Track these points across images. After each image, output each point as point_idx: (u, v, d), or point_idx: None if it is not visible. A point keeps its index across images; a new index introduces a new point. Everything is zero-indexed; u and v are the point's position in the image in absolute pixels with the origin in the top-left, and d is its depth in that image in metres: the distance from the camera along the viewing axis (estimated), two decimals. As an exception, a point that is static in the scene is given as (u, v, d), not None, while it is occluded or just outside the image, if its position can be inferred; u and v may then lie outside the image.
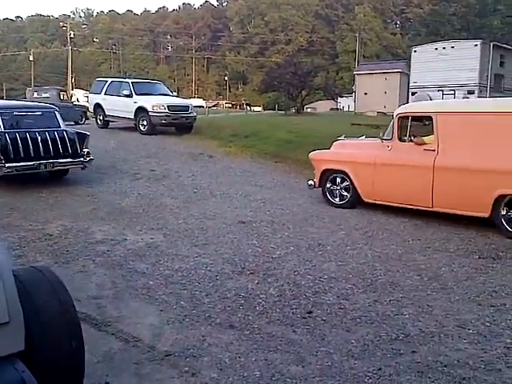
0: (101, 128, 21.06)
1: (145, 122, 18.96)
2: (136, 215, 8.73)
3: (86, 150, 11.26)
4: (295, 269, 6.23)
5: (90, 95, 22.96)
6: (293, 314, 4.95)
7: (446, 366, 4.00)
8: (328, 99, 49.47)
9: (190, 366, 3.96)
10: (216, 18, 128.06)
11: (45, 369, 2.75)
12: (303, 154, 14.74)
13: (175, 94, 25.13)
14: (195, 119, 20.19)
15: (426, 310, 5.09)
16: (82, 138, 11.46)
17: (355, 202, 9.60)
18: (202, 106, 50.07)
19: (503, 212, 7.69)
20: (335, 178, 9.86)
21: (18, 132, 10.41)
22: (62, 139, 10.96)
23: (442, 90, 25.82)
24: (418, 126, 9.04)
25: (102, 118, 21.31)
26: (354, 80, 43.58)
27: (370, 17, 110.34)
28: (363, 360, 4.10)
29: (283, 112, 38.06)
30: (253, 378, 3.82)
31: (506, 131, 7.79)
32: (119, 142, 17.01)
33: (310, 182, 10.22)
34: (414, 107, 9.46)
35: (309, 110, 51.90)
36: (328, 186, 9.93)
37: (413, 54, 28.61)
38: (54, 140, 10.78)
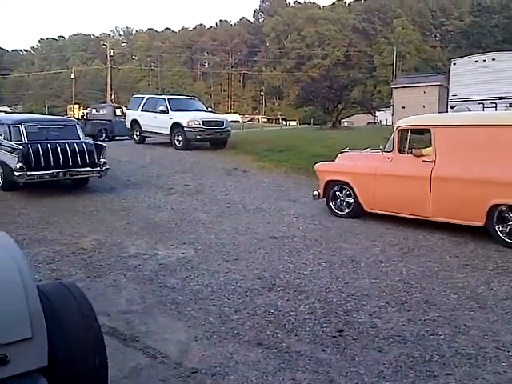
0: (137, 144, 21.34)
1: (180, 138, 19.12)
2: (169, 230, 8.75)
3: (102, 160, 12.18)
4: (327, 286, 6.11)
5: (127, 111, 23.28)
6: (323, 332, 4.84)
7: (482, 390, 3.84)
8: (365, 113, 49.08)
9: (216, 385, 3.89)
10: (252, 34, 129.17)
11: (68, 385, 2.72)
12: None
13: (210, 109, 25.30)
14: (230, 134, 20.24)
15: (462, 330, 4.91)
16: (100, 149, 12.40)
17: (358, 211, 9.85)
18: (238, 121, 50.32)
19: (498, 221, 7.92)
20: (339, 189, 10.14)
21: (40, 143, 11.49)
22: (81, 150, 11.95)
23: (483, 103, 25.28)
24: (417, 138, 9.43)
25: (138, 133, 21.59)
26: (391, 94, 43.20)
27: (409, 30, 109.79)
28: (395, 382, 3.96)
29: (319, 126, 37.93)
30: (280, 398, 3.73)
31: (499, 143, 8.06)
32: (155, 157, 17.18)
33: (315, 193, 10.45)
34: (413, 120, 9.64)
35: (346, 124, 51.67)
36: (332, 196, 10.21)
37: (452, 66, 28.16)
38: (73, 151, 11.77)
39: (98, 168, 12.00)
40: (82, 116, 28.10)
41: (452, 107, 26.67)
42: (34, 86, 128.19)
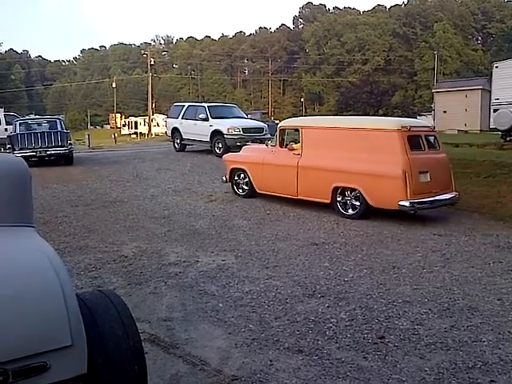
0: (178, 151, 21.57)
1: (220, 145, 19.25)
2: (209, 237, 8.79)
3: (70, 142, 18.92)
4: (368, 292, 6.04)
5: (168, 120, 23.59)
6: (364, 339, 4.78)
7: (528, 399, 3.74)
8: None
9: (256, 392, 3.89)
10: (292, 41, 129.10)
11: (107, 392, 2.76)
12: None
13: (250, 116, 25.37)
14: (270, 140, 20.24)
15: (506, 336, 4.79)
16: (67, 135, 18.89)
17: (252, 193, 12.18)
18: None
19: (338, 198, 10.34)
20: (239, 175, 12.47)
21: (27, 132, 18.54)
22: (55, 135, 18.43)
23: (525, 107, 24.70)
24: (293, 136, 11.97)
25: (179, 141, 21.84)
26: (432, 98, 42.60)
27: (450, 33, 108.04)
28: (438, 390, 3.89)
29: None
30: (320, 406, 3.69)
31: (342, 141, 10.50)
32: (195, 164, 17.34)
33: (224, 178, 12.86)
34: (289, 122, 12.43)
35: (386, 129, 50.98)
36: (235, 180, 12.57)
37: (494, 69, 27.61)
38: (49, 136, 18.28)
39: (66, 148, 18.32)
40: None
41: (494, 111, 26.11)
42: (76, 96, 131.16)
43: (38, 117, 26.60)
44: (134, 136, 71.72)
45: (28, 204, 3.63)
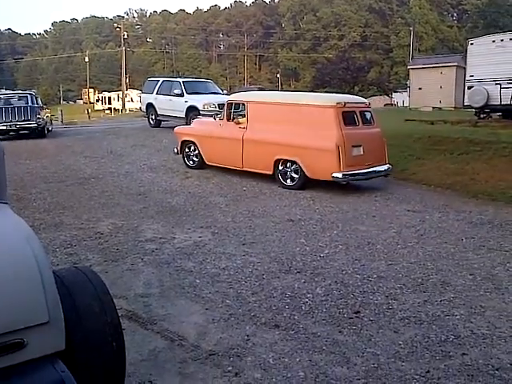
0: (153, 127, 21.39)
1: (196, 121, 19.09)
2: (185, 213, 8.79)
3: (39, 116, 19.54)
4: (343, 268, 6.13)
5: (142, 95, 23.32)
6: (339, 314, 4.87)
7: (497, 370, 3.86)
8: (382, 95, 48.70)
9: (233, 366, 3.94)
10: (268, 15, 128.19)
11: (85, 369, 2.77)
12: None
13: (226, 92, 25.21)
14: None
15: (478, 310, 4.92)
16: (36, 110, 19.72)
17: (201, 164, 12.64)
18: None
19: (280, 170, 10.94)
20: (190, 147, 12.89)
21: None
22: (25, 110, 19.26)
23: (500, 84, 24.92)
24: (239, 110, 11.99)
25: (154, 117, 21.63)
26: (408, 75, 42.75)
27: (426, 10, 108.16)
28: (411, 362, 3.99)
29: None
30: (297, 379, 3.77)
31: (283, 116, 10.95)
32: (170, 141, 17.18)
33: (175, 150, 13.22)
34: (236, 97, 12.92)
35: (362, 105, 51.14)
36: (185, 152, 12.99)
37: (469, 46, 27.72)
38: (19, 110, 19.14)
39: (34, 122, 19.07)
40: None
41: (469, 88, 26.28)
42: (48, 70, 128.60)
43: (9, 92, 26.61)
44: (108, 112, 70.89)
45: (1, 180, 3.59)
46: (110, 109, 73.03)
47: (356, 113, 10.85)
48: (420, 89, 36.33)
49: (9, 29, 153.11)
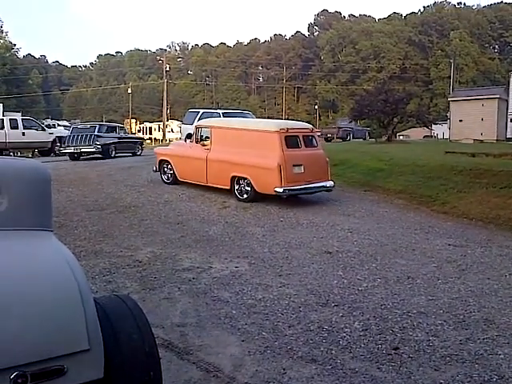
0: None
1: (234, 151, 19.27)
2: (222, 243, 8.80)
3: (98, 143, 23.50)
4: (382, 302, 6.02)
5: (183, 125, 23.67)
6: (378, 349, 4.76)
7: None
8: (421, 127, 48.31)
9: (269, 400, 3.88)
10: (307, 48, 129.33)
11: (122, 398, 2.76)
12: (393, 183, 14.45)
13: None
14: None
15: (523, 350, 4.75)
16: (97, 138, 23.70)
17: (175, 180, 14.49)
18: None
19: (236, 186, 12.62)
20: (166, 165, 14.81)
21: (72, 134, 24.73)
22: (90, 137, 23.79)
23: (544, 116, 24.50)
24: (205, 134, 13.89)
25: (193, 147, 21.86)
26: (448, 107, 42.40)
27: (467, 42, 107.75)
28: (453, 403, 3.86)
29: (374, 140, 37.57)
30: (334, 416, 3.68)
31: (239, 139, 12.79)
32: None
33: (154, 168, 15.25)
34: (202, 122, 15.02)
35: (401, 137, 50.97)
36: (163, 169, 14.95)
37: (511, 79, 27.43)
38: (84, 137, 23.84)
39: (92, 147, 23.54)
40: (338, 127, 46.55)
41: (511, 120, 25.86)
42: (92, 101, 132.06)
43: (89, 123, 29.69)
44: (149, 141, 71.96)
45: (48, 209, 3.66)
46: (150, 139, 74.15)
47: (299, 137, 12.64)
48: (461, 121, 35.97)
49: (56, 61, 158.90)
